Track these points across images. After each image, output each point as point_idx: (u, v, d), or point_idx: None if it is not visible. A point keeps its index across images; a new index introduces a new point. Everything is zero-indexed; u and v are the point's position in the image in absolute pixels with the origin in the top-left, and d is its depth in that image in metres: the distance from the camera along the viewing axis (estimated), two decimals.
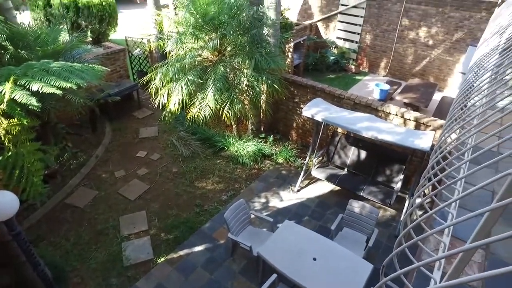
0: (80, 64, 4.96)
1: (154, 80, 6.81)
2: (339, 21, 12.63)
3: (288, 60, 10.96)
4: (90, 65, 5.13)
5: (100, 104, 7.61)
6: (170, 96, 6.66)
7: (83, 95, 6.62)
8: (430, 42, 11.01)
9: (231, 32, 6.45)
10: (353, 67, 12.61)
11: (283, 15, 10.90)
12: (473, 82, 2.59)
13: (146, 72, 9.08)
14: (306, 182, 7.17)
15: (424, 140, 5.21)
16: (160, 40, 7.40)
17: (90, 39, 10.12)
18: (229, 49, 6.84)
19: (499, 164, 1.81)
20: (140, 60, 10.29)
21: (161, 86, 6.77)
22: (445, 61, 10.96)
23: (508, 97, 1.52)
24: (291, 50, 10.89)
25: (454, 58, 10.74)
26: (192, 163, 7.46)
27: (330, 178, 6.71)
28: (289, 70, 10.87)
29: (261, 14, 6.74)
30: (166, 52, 7.10)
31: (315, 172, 6.86)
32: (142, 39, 9.78)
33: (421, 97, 9.59)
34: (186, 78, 6.35)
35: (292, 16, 13.34)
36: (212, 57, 6.87)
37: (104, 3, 9.91)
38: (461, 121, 2.06)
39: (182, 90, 6.36)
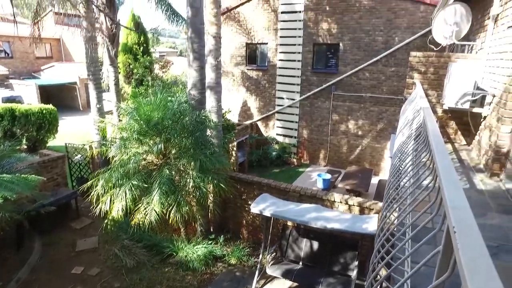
0: (10, 175, 4.64)
1: (96, 186, 6.52)
2: (277, 119, 13.73)
3: (233, 158, 11.34)
4: (22, 175, 4.82)
5: (31, 216, 6.95)
6: (113, 203, 6.34)
7: (10, 208, 6.02)
8: (360, 133, 12.26)
9: (175, 136, 6.64)
10: (295, 160, 13.34)
11: (225, 117, 11.61)
12: (399, 165, 2.85)
13: (87, 179, 8.70)
14: (262, 281, 6.79)
15: (370, 224, 5.40)
16: (103, 146, 7.33)
17: (25, 146, 9.71)
18: (174, 151, 6.94)
19: (437, 239, 1.91)
20: (81, 167, 9.93)
21: (103, 192, 6.47)
22: (375, 148, 12.11)
23: (429, 176, 1.69)
24: (235, 149, 11.35)
25: (381, 145, 11.95)
26: (137, 274, 6.78)
27: (286, 274, 6.45)
28: (234, 168, 11.18)
29: (204, 117, 7.13)
30: (109, 158, 6.99)
31: (269, 270, 6.57)
32: (84, 145, 9.62)
33: (360, 182, 10.21)
34: (130, 183, 6.18)
35: (234, 117, 14.29)
36: (157, 160, 6.89)
37: (44, 111, 9.85)
38: (396, 202, 2.20)
39: (126, 196, 6.12)
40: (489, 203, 3.38)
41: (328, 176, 10.70)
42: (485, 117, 4.73)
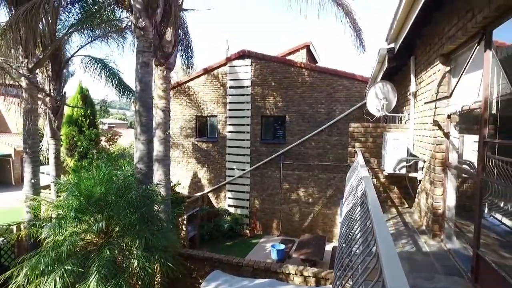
0: None
1: (17, 277, 5.64)
2: (228, 190, 13.61)
3: (183, 233, 10.78)
4: None
5: None
6: None
7: None
8: (310, 200, 12.45)
9: (119, 212, 6.21)
10: (248, 231, 13.00)
11: (174, 190, 11.26)
12: (348, 233, 2.85)
13: (7, 267, 7.57)
14: None
15: None
16: (33, 227, 6.57)
17: None
18: (117, 229, 6.43)
19: None
20: (2, 252, 8.65)
21: (26, 283, 5.60)
22: (326, 215, 12.27)
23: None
24: (185, 222, 10.85)
25: (332, 211, 12.16)
26: None
27: None
28: (185, 244, 10.58)
29: (151, 192, 6.83)
30: (40, 240, 6.24)
31: None
32: (9, 225, 8.52)
33: (314, 251, 10.07)
34: (62, 269, 5.47)
35: (184, 190, 13.95)
36: (97, 240, 6.29)
37: None
38: (346, 274, 2.14)
39: (55, 285, 5.35)
40: (435, 264, 3.45)
41: (282, 246, 10.47)
42: (420, 181, 5.08)
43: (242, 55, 13.31)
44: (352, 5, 8.12)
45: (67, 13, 9.44)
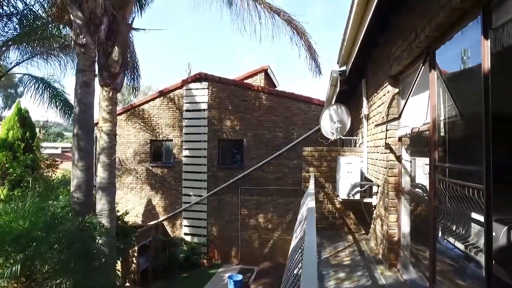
0: None
1: None
2: (185, 218, 12.89)
3: (133, 266, 9.89)
4: None
5: None
6: None
7: None
8: (270, 226, 12.03)
9: (47, 250, 5.42)
10: (205, 261, 12.24)
11: (122, 219, 10.40)
12: (291, 273, 2.48)
13: None
14: None
15: None
16: None
17: None
18: (45, 269, 5.60)
19: None
20: None
21: None
22: (286, 241, 11.85)
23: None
24: (135, 255, 9.98)
25: (292, 236, 11.76)
26: None
27: None
28: (135, 278, 9.69)
29: (88, 224, 6.11)
30: None
31: None
32: None
33: (274, 280, 9.55)
34: None
35: (137, 218, 13.06)
36: (17, 285, 5.42)
37: None
38: None
39: None
40: None
41: (240, 277, 9.90)
42: (375, 206, 4.88)
43: (199, 77, 13.02)
44: (307, 28, 8.17)
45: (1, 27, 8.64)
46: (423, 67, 2.94)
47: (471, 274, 2.89)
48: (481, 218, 2.13)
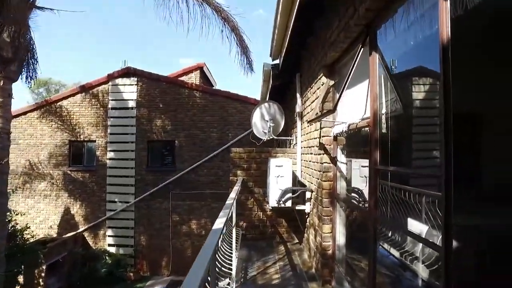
0: None
1: None
2: (109, 227, 11.64)
3: None
4: None
5: None
6: None
7: None
8: (203, 232, 11.31)
9: None
10: (131, 274, 11.11)
11: (22, 235, 8.74)
12: None
13: None
14: None
15: None
16: None
17: None
18: None
19: None
20: None
21: None
22: None
23: None
24: (43, 275, 8.62)
25: None
26: None
27: None
28: None
29: None
30: None
31: None
32: None
33: None
34: None
35: (51, 230, 11.53)
36: None
37: None
38: None
39: None
40: None
41: None
42: (308, 214, 4.48)
43: (127, 72, 11.88)
44: (241, 23, 7.65)
45: None
46: (362, 49, 2.51)
47: (408, 285, 2.59)
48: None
